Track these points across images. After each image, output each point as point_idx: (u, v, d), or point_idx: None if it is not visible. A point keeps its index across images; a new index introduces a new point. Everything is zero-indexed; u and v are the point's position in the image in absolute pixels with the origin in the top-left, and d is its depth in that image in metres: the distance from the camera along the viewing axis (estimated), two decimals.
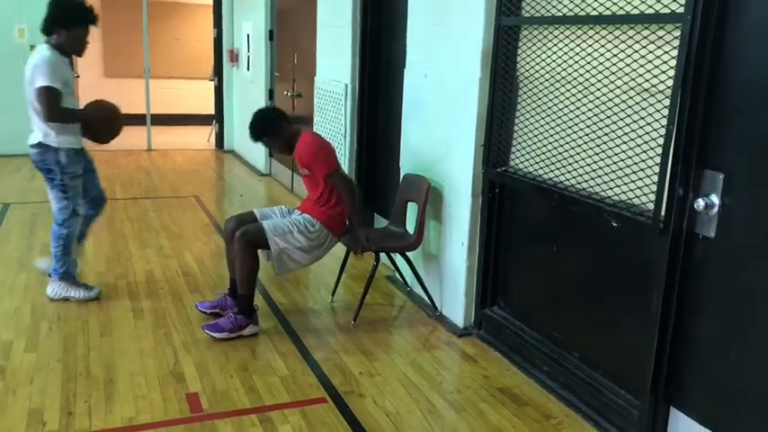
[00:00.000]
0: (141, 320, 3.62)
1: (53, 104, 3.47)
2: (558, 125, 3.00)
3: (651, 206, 2.45)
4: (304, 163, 3.59)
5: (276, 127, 3.63)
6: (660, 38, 2.42)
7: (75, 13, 3.59)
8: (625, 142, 2.60)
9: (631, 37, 2.56)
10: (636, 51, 2.53)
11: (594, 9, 2.72)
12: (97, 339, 3.37)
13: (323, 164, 3.55)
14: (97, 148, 4.17)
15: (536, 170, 3.17)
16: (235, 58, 9.25)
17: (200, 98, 11.23)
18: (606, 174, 2.71)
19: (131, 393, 2.87)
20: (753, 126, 2.16)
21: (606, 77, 2.69)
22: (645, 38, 2.50)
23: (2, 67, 8.19)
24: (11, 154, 8.26)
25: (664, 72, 2.40)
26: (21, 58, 8.17)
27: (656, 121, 2.44)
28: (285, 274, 3.67)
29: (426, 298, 3.93)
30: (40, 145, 3.60)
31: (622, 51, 2.59)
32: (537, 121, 3.14)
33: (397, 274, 4.33)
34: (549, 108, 3.06)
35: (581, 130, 2.86)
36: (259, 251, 3.50)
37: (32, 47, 8.16)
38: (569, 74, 2.91)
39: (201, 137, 10.50)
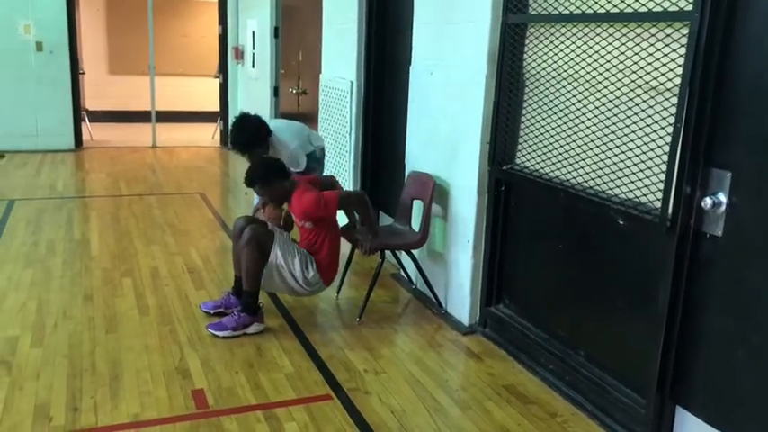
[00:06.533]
0: (147, 317, 3.63)
1: None
2: (565, 123, 2.99)
3: (658, 204, 2.44)
4: (310, 215, 3.46)
5: (278, 179, 3.48)
6: (668, 36, 2.41)
7: None
8: (632, 140, 2.60)
9: (639, 35, 2.55)
10: (644, 49, 2.52)
11: (602, 6, 2.71)
12: (103, 335, 3.37)
13: (328, 206, 3.45)
14: (100, 146, 4.17)
15: (542, 168, 3.16)
16: (240, 55, 9.26)
17: (205, 95, 11.24)
18: (613, 172, 2.71)
19: (137, 389, 2.88)
20: (761, 124, 2.15)
21: (614, 75, 2.68)
22: (653, 35, 2.49)
23: (8, 64, 8.20)
24: (17, 150, 8.29)
25: (672, 70, 2.39)
26: (27, 55, 8.24)
27: (664, 119, 2.43)
28: (267, 290, 3.60)
29: (431, 296, 3.93)
30: None
31: (630, 49, 2.58)
32: (543, 118, 3.14)
33: (402, 272, 4.33)
34: (556, 106, 3.05)
35: (588, 128, 2.85)
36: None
37: (38, 44, 8.24)
38: (576, 71, 2.90)
39: (206, 134, 10.51)
